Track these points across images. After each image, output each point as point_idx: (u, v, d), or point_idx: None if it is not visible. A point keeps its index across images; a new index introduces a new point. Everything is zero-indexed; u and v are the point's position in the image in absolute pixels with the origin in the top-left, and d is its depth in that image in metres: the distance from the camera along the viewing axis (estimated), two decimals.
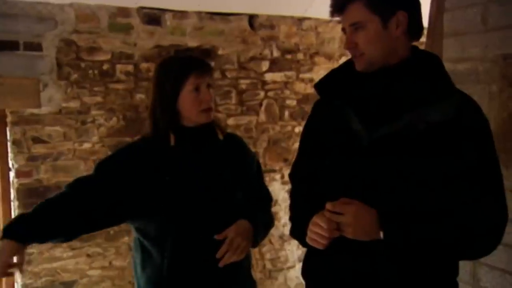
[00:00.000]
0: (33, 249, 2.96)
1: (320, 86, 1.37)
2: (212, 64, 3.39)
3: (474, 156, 1.20)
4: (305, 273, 1.44)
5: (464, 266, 1.95)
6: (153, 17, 3.20)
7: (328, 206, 1.20)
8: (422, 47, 3.37)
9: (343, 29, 1.27)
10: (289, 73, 3.72)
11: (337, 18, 1.28)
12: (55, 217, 1.52)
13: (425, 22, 2.52)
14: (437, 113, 1.18)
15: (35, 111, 2.91)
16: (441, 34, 2.09)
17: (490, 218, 1.21)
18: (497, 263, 1.82)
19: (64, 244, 3.05)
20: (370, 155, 1.22)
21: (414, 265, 1.23)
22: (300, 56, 3.75)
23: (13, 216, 2.95)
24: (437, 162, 1.18)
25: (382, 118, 1.21)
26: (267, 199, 1.86)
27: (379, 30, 1.21)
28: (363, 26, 1.21)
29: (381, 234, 1.17)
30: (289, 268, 3.73)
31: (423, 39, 3.13)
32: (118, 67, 3.12)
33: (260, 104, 3.65)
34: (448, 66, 2.00)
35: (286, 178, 3.55)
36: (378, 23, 1.21)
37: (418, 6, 1.27)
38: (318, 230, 1.21)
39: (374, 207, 1.19)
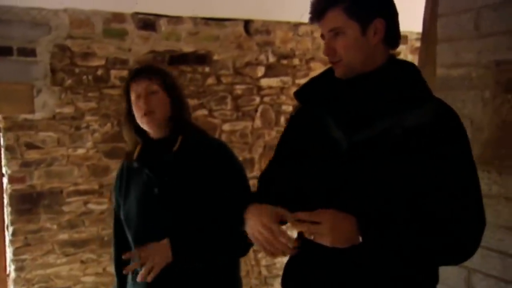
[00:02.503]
0: (26, 255, 2.94)
1: (299, 94, 1.38)
2: (208, 69, 3.40)
3: (451, 161, 1.20)
4: (283, 282, 1.43)
5: (459, 274, 1.94)
6: (148, 23, 3.19)
7: (303, 215, 1.18)
8: (416, 52, 3.36)
9: (322, 36, 1.28)
10: (285, 79, 3.71)
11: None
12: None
13: (420, 27, 2.53)
14: (414, 118, 1.19)
15: (29, 116, 2.90)
16: (435, 39, 2.09)
17: (468, 223, 1.21)
18: (492, 271, 1.81)
19: (58, 251, 3.04)
20: (349, 160, 1.23)
21: (392, 273, 1.23)
22: (296, 61, 3.74)
23: (6, 222, 2.93)
24: (415, 166, 1.18)
25: (360, 124, 1.22)
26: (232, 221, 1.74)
27: (357, 36, 1.22)
28: (343, 32, 1.22)
29: (360, 239, 1.17)
30: None
31: (417, 44, 3.13)
32: (113, 72, 3.11)
33: (256, 110, 3.63)
34: (441, 71, 2.00)
35: None
36: (357, 29, 1.22)
37: (395, 15, 1.28)
38: (283, 240, 1.20)
39: (354, 211, 1.19)
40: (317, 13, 1.25)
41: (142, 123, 1.63)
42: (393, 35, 1.27)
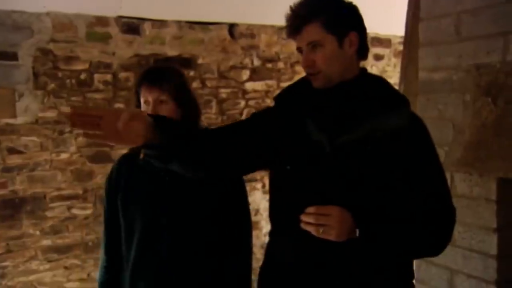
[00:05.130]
0: (7, 262, 2.89)
1: (279, 99, 1.42)
2: (192, 73, 3.39)
3: (427, 160, 1.32)
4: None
5: (442, 275, 1.96)
6: (132, 26, 3.17)
7: (311, 209, 1.22)
8: (399, 55, 3.39)
9: (299, 49, 1.33)
10: (270, 82, 3.73)
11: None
12: None
13: (402, 31, 2.56)
14: (393, 122, 1.28)
15: (11, 121, 2.86)
16: (417, 43, 2.11)
17: (444, 215, 1.32)
18: (474, 272, 1.83)
19: (41, 257, 3.00)
20: (333, 161, 1.28)
21: (372, 270, 1.29)
22: (280, 65, 3.76)
23: None
24: (396, 165, 1.27)
25: (342, 128, 1.28)
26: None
27: (335, 48, 1.29)
28: (321, 44, 1.28)
29: (357, 233, 1.22)
30: None
31: (400, 47, 3.16)
32: (96, 76, 3.09)
33: (241, 113, 3.64)
34: (423, 75, 2.03)
35: (267, 187, 3.54)
36: (334, 42, 1.29)
37: (365, 29, 1.36)
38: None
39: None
40: (294, 28, 1.30)
41: None
42: (364, 47, 1.35)
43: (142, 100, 1.56)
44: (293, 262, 1.32)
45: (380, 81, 1.38)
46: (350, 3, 1.33)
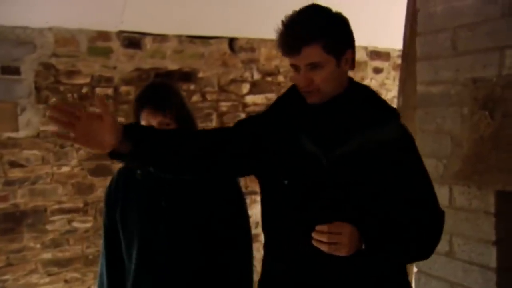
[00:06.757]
0: (8, 276, 2.89)
1: (271, 111, 1.43)
2: (193, 86, 3.42)
3: (418, 169, 1.38)
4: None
5: None
6: (133, 41, 3.21)
7: (323, 228, 1.22)
8: (398, 69, 3.41)
9: (294, 66, 1.32)
10: (270, 95, 3.74)
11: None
12: None
13: (401, 44, 2.58)
14: (386, 133, 1.32)
15: (13, 135, 2.88)
16: (415, 57, 2.14)
17: (433, 223, 1.37)
18: (473, 285, 1.83)
19: (41, 270, 3.00)
20: (329, 175, 1.30)
21: (370, 270, 1.32)
22: (280, 78, 3.79)
23: None
24: (390, 175, 1.30)
25: (336, 141, 1.30)
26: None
27: (334, 68, 1.31)
28: (321, 66, 1.29)
29: (363, 246, 1.25)
30: None
31: (399, 61, 3.19)
32: (98, 90, 3.11)
33: None
34: (421, 88, 2.05)
35: None
36: (333, 63, 1.30)
37: (354, 42, 1.38)
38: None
39: (339, 220, 1.26)
40: (292, 48, 1.28)
41: None
42: (354, 61, 1.37)
43: (143, 122, 1.56)
44: (291, 275, 1.34)
45: (368, 92, 1.41)
46: (343, 17, 1.33)
